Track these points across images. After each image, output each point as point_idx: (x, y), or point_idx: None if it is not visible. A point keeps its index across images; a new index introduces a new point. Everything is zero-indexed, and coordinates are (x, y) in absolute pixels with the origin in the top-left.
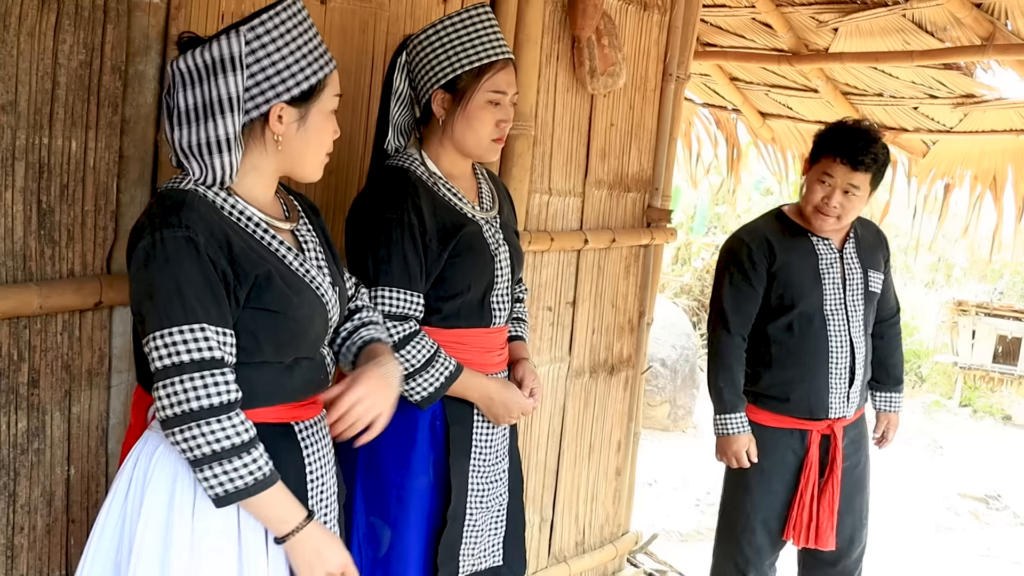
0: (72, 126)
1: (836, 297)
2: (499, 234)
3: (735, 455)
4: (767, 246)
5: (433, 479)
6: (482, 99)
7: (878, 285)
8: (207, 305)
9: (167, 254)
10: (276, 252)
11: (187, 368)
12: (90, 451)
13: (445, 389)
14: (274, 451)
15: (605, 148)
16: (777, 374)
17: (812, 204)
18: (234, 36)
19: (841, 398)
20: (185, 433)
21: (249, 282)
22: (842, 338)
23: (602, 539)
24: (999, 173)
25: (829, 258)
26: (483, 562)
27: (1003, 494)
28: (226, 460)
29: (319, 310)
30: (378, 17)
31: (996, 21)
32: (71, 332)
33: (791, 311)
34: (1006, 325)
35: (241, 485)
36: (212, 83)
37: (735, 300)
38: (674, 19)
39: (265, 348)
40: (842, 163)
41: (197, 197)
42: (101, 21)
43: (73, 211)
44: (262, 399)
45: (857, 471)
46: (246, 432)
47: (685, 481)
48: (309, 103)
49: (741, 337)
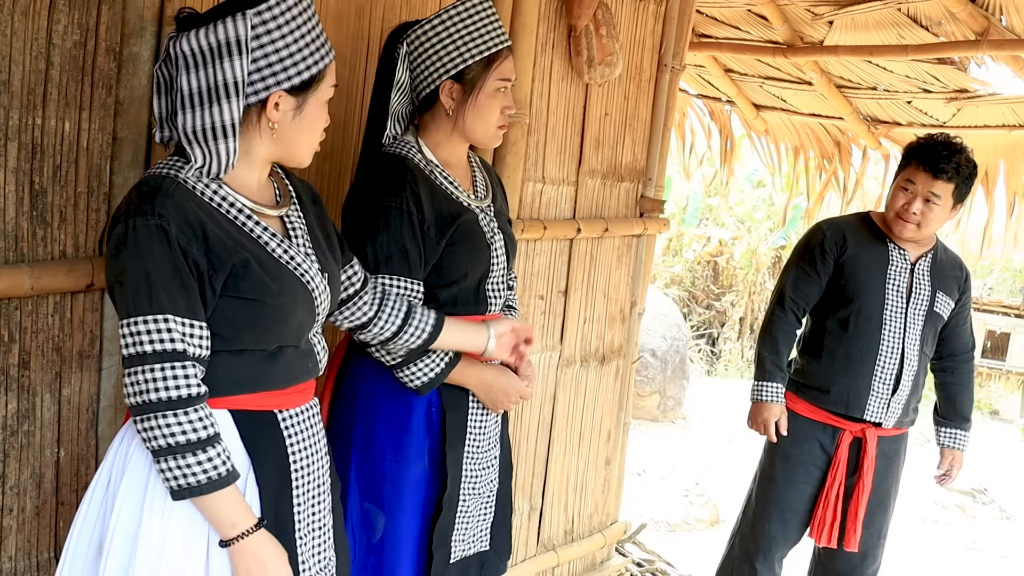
0: (66, 107)
1: (898, 305)
2: (494, 222)
3: (764, 422)
4: (842, 237)
5: (428, 465)
6: (492, 88)
7: (944, 309)
8: (175, 296)
9: (138, 242)
10: (258, 239)
11: (149, 359)
12: (80, 433)
13: (445, 375)
14: (256, 438)
15: (599, 137)
16: (825, 364)
17: (894, 210)
18: (240, 19)
19: (881, 403)
20: (145, 423)
21: (225, 270)
22: (894, 344)
23: (591, 528)
24: (991, 168)
25: (900, 266)
26: (472, 547)
27: (989, 488)
28: (179, 455)
29: (302, 297)
30: (374, 4)
31: (990, 16)
32: (62, 314)
33: (850, 305)
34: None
35: (193, 482)
36: (216, 66)
37: (796, 280)
38: (670, 9)
39: (245, 336)
40: (924, 170)
41: (175, 184)
42: (96, 2)
43: (66, 192)
44: (243, 386)
45: (883, 488)
46: (203, 429)
47: (674, 471)
48: (307, 93)
49: (794, 315)
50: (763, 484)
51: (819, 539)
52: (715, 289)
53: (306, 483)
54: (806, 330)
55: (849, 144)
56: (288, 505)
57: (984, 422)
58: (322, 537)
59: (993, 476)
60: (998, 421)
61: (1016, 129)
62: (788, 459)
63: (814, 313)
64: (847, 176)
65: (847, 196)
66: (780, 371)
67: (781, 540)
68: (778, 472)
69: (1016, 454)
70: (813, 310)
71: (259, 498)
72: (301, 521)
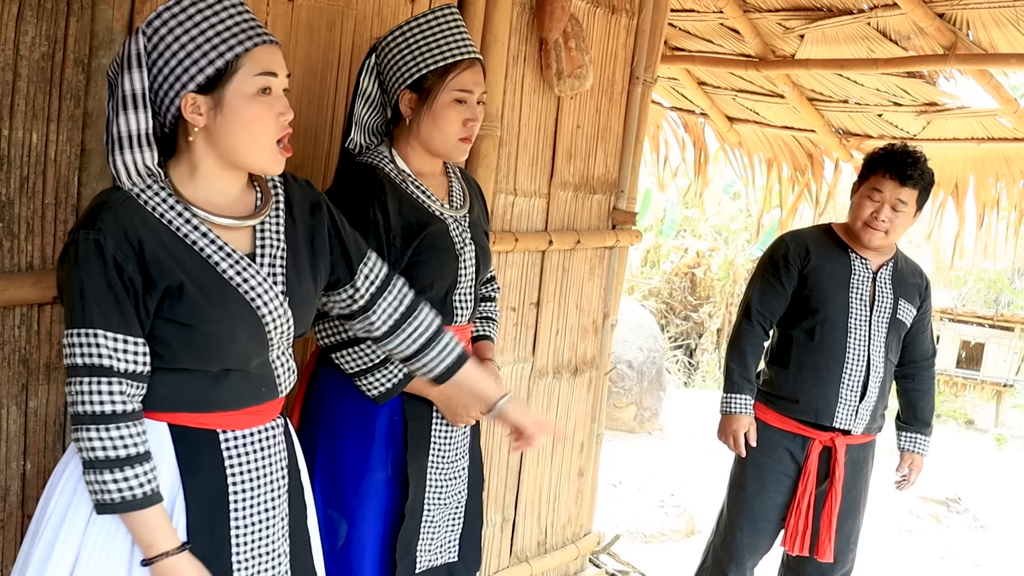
0: (33, 118)
1: (862, 314)
2: (467, 233)
3: (734, 434)
4: (805, 249)
5: (391, 474)
6: (447, 98)
7: (906, 316)
8: (107, 311)
9: (77, 255)
10: (208, 259)
11: (80, 371)
12: (46, 446)
13: (403, 385)
14: (190, 457)
15: (571, 150)
16: (793, 374)
17: (862, 220)
18: (135, 35)
19: (849, 410)
20: (76, 433)
21: (159, 292)
22: (860, 352)
23: (564, 539)
24: (961, 181)
25: (862, 275)
26: (439, 558)
27: (963, 497)
28: (98, 470)
29: (246, 323)
30: (345, 15)
31: (958, 31)
32: (29, 325)
33: (815, 315)
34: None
35: (109, 499)
36: (120, 83)
37: (762, 292)
38: (642, 23)
39: (182, 358)
40: (891, 178)
41: (125, 198)
42: (64, 13)
43: (33, 204)
44: (184, 405)
45: (852, 494)
46: (123, 448)
47: (650, 482)
48: (221, 87)
49: (761, 327)
50: (734, 494)
51: (791, 548)
52: (692, 300)
53: (249, 506)
54: (773, 341)
55: (821, 156)
56: (224, 527)
57: (959, 431)
58: (272, 562)
59: (967, 485)
60: (973, 431)
61: (984, 142)
62: (759, 468)
63: (780, 324)
64: (819, 188)
65: (820, 208)
66: (748, 383)
67: (753, 549)
68: (749, 481)
69: (990, 463)
70: (779, 321)
71: (185, 516)
72: (241, 545)
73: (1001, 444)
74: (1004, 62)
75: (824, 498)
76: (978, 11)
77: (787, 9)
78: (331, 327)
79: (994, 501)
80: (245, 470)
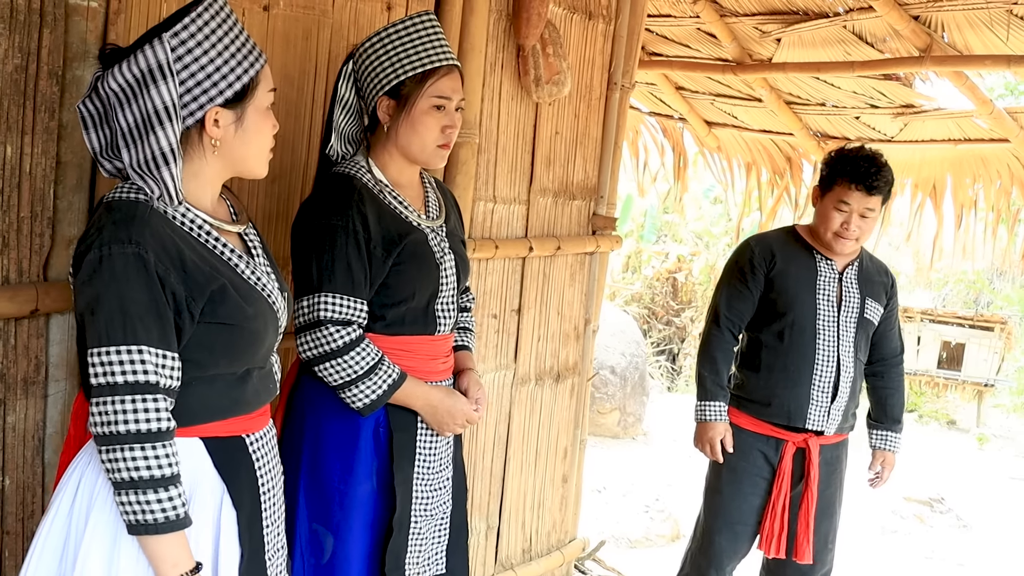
0: (7, 131)
1: (829, 314)
2: (445, 243)
3: (710, 441)
4: (769, 252)
5: (376, 486)
6: (425, 104)
7: (874, 315)
8: (149, 326)
9: (114, 270)
10: (228, 261)
11: (120, 390)
12: (26, 461)
13: (388, 397)
14: (229, 464)
15: (550, 156)
16: (764, 378)
17: (832, 231)
18: (158, 44)
19: (821, 411)
20: (110, 454)
21: (204, 297)
22: (829, 353)
23: (549, 546)
24: (938, 182)
25: (828, 277)
26: (427, 569)
27: (947, 497)
28: (141, 490)
29: (271, 319)
30: (321, 24)
31: (933, 33)
32: (6, 340)
33: (783, 318)
34: (950, 331)
35: (151, 519)
36: (145, 96)
37: (729, 298)
38: (619, 28)
39: (220, 360)
40: (857, 189)
41: (149, 209)
42: (37, 25)
43: (8, 217)
44: (215, 413)
45: (827, 494)
46: (168, 467)
47: (634, 487)
48: (244, 103)
49: (730, 332)
50: (711, 499)
51: (768, 551)
52: (674, 305)
53: (271, 505)
54: (743, 345)
55: (800, 159)
56: (259, 528)
57: (941, 432)
58: (281, 556)
59: (950, 485)
60: (955, 431)
61: (962, 143)
62: (734, 472)
63: (749, 328)
64: (799, 191)
65: (799, 211)
66: (721, 389)
67: (731, 553)
68: (725, 485)
69: (972, 463)
70: (748, 325)
71: (236, 523)
72: (269, 543)
73: (983, 444)
74: (979, 63)
75: (800, 499)
76: (952, 13)
77: (763, 13)
78: (313, 339)
79: (977, 501)
80: (266, 470)
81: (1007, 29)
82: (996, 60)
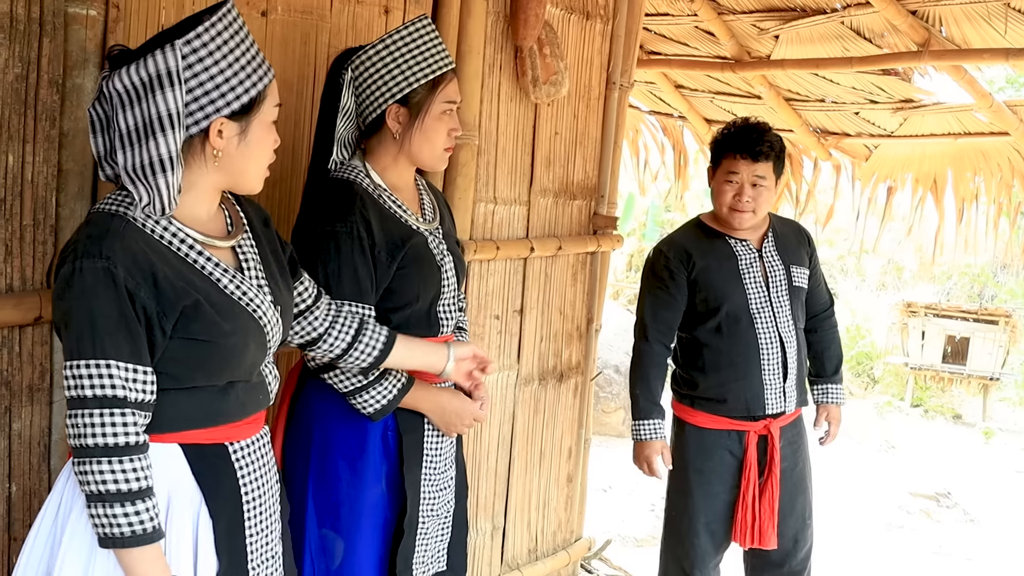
0: (9, 140)
1: (760, 295)
2: (443, 245)
3: (647, 460)
4: (684, 254)
5: (385, 489)
6: (438, 110)
7: (802, 280)
8: (119, 341)
9: (84, 285)
10: (210, 276)
11: (89, 403)
12: (32, 468)
13: (398, 401)
14: (207, 472)
15: (550, 156)
16: (712, 376)
17: (726, 205)
18: (170, 50)
19: (777, 393)
20: (81, 466)
21: (176, 313)
22: (770, 334)
23: (555, 546)
24: (939, 176)
25: (748, 258)
26: (431, 568)
27: (953, 492)
28: (108, 503)
29: (254, 335)
30: (319, 29)
31: (931, 28)
32: (11, 348)
33: (717, 313)
34: (954, 325)
35: (118, 532)
36: (150, 100)
37: (653, 309)
38: (617, 28)
39: (196, 375)
40: (743, 158)
41: (125, 223)
42: (37, 34)
43: (11, 226)
44: (194, 422)
45: (796, 472)
46: (136, 481)
47: (639, 486)
48: (249, 116)
49: (661, 344)
50: (682, 503)
51: (743, 542)
52: None
53: (258, 514)
54: (683, 346)
55: (800, 156)
56: (241, 538)
57: (947, 426)
58: (273, 565)
59: (957, 480)
60: (961, 425)
61: (962, 137)
62: (702, 474)
63: (683, 328)
64: (799, 187)
65: (800, 207)
66: (656, 406)
67: (713, 551)
68: (695, 488)
69: (979, 457)
70: (682, 326)
71: (212, 532)
72: (254, 552)
73: (989, 438)
74: (978, 57)
75: (763, 486)
76: (950, 7)
77: (761, 10)
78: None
79: (984, 495)
80: (252, 479)
81: (1005, 22)
82: (994, 54)
